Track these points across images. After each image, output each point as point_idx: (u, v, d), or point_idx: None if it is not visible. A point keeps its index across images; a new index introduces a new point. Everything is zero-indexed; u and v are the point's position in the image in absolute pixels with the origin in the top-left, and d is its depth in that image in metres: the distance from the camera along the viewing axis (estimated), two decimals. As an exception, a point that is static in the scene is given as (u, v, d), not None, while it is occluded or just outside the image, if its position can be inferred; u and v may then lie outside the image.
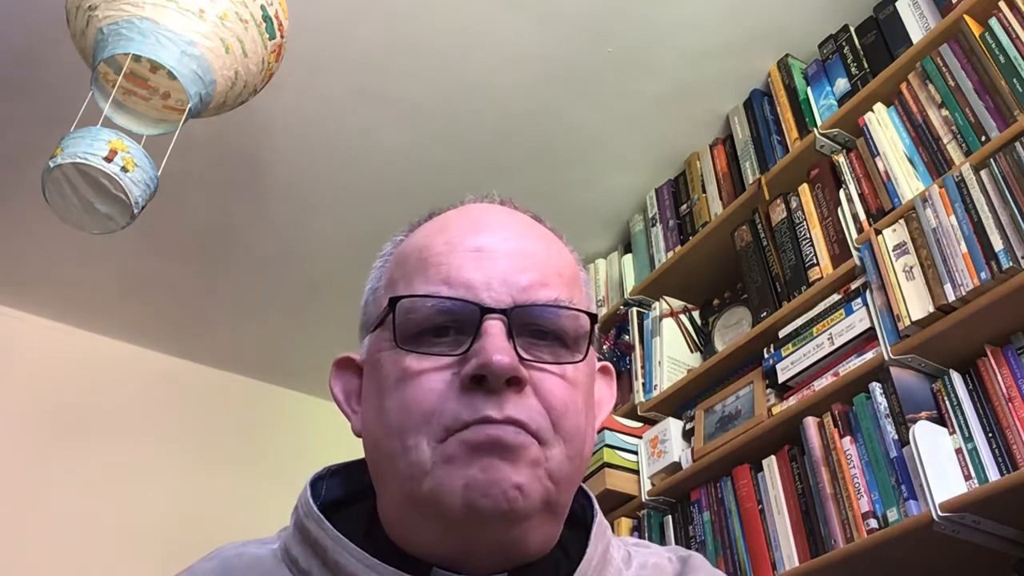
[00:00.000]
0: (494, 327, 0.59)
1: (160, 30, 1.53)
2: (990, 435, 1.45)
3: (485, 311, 0.60)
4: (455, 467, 0.57)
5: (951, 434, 1.49)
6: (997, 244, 1.46)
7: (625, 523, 2.07)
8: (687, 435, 2.04)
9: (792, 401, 1.79)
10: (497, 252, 0.63)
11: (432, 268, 0.63)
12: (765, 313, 1.96)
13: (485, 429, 0.57)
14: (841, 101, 1.98)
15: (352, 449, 0.66)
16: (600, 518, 0.69)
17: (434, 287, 0.61)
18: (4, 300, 2.79)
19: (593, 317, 0.64)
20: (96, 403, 2.81)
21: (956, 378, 1.54)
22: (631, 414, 2.21)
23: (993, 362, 1.48)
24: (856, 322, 1.70)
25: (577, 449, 0.61)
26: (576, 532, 0.67)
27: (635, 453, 2.12)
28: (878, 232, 1.70)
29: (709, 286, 2.28)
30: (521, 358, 0.59)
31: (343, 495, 0.68)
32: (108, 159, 1.49)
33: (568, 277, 0.66)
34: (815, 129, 1.97)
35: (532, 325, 0.61)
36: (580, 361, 0.62)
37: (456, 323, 0.60)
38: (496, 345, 0.58)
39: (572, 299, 0.64)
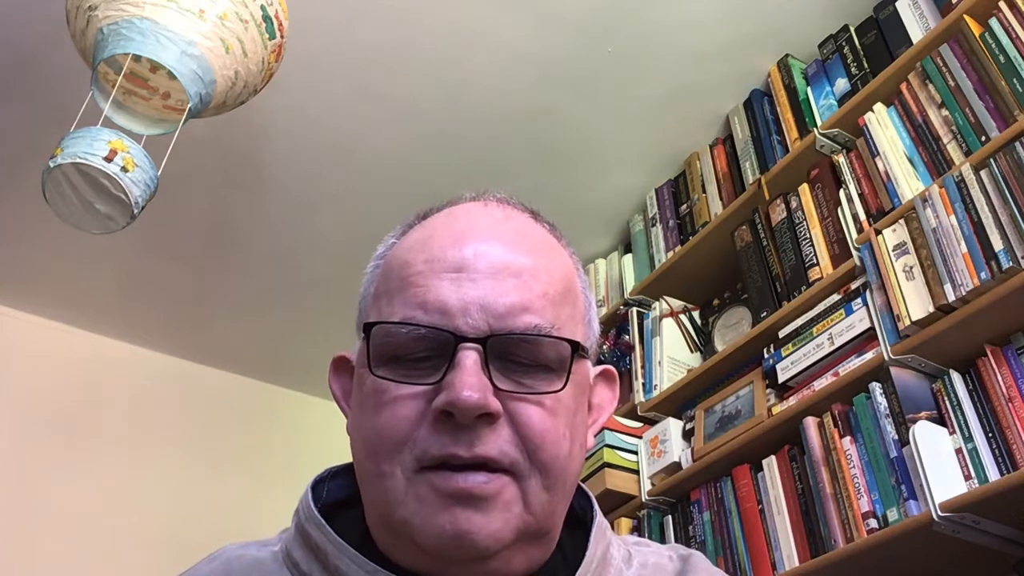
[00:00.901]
0: (468, 358, 0.57)
1: (160, 30, 1.53)
2: (990, 435, 1.45)
3: (460, 340, 0.58)
4: (427, 511, 0.57)
5: (951, 434, 1.49)
6: (997, 244, 1.46)
7: (625, 523, 2.07)
8: (687, 435, 2.04)
9: (792, 401, 1.79)
10: (478, 272, 0.60)
11: (411, 289, 0.61)
12: (765, 313, 1.96)
13: (455, 480, 0.56)
14: (841, 101, 1.98)
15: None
16: (600, 519, 0.68)
17: (411, 311, 0.60)
18: (4, 300, 2.79)
19: (575, 345, 0.61)
20: (96, 403, 2.81)
21: (956, 378, 1.54)
22: (631, 414, 2.21)
23: (993, 362, 1.48)
24: (856, 322, 1.70)
25: (556, 479, 0.60)
26: (576, 533, 0.67)
27: (635, 453, 2.12)
28: (878, 232, 1.70)
29: (709, 286, 2.28)
30: (497, 388, 0.58)
31: (345, 497, 0.68)
32: (108, 159, 1.49)
33: (555, 296, 0.62)
34: (815, 129, 1.97)
35: (510, 353, 0.59)
36: (560, 390, 0.60)
37: (432, 349, 0.59)
38: (466, 381, 0.56)
39: (556, 321, 0.61)
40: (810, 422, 1.71)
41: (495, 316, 0.59)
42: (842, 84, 2.01)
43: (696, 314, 2.30)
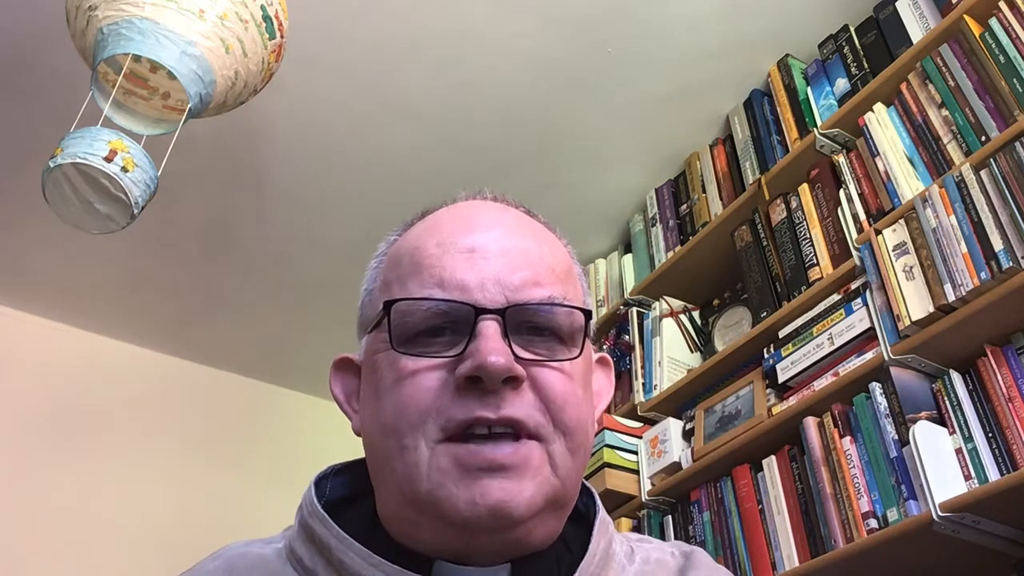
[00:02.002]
0: (489, 327, 0.59)
1: (160, 30, 1.53)
2: (990, 435, 1.45)
3: (480, 312, 0.60)
4: (452, 484, 0.57)
5: (951, 434, 1.49)
6: (997, 244, 1.46)
7: (625, 523, 2.07)
8: (687, 435, 2.04)
9: (792, 401, 1.79)
10: (489, 252, 0.63)
11: (426, 270, 0.63)
12: (765, 313, 1.96)
13: (481, 452, 0.57)
14: (841, 101, 1.98)
15: (352, 448, 0.67)
16: (602, 514, 0.69)
17: (428, 289, 0.61)
18: (4, 300, 2.79)
19: (587, 313, 0.64)
20: (96, 403, 2.81)
21: (956, 378, 1.54)
22: (631, 414, 2.21)
23: (993, 362, 1.48)
24: (856, 322, 1.70)
25: (579, 442, 0.62)
26: (579, 528, 0.67)
27: (635, 453, 2.12)
28: (878, 232, 1.70)
29: (709, 286, 2.28)
30: (517, 356, 0.59)
31: (348, 494, 0.68)
32: (108, 159, 1.49)
33: (562, 272, 0.66)
34: (815, 129, 1.97)
35: (527, 323, 0.61)
36: (577, 357, 0.63)
37: (451, 324, 0.60)
38: (491, 346, 0.58)
39: (566, 295, 0.64)
40: (810, 422, 1.71)
41: (511, 288, 0.61)
42: (842, 84, 2.01)
43: (696, 314, 2.30)
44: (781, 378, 1.82)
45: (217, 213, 2.55)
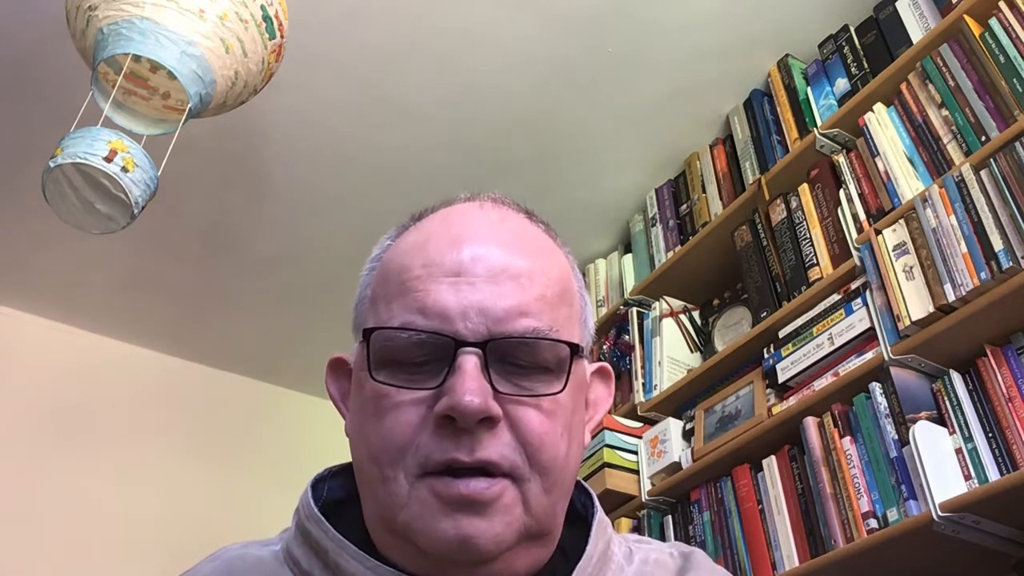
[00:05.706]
0: (468, 362, 0.58)
1: (160, 30, 1.53)
2: (990, 435, 1.45)
3: (460, 344, 0.58)
4: (428, 516, 0.57)
5: (951, 434, 1.49)
6: (997, 244, 1.46)
7: (625, 523, 2.07)
8: (687, 435, 2.04)
9: (792, 401, 1.79)
10: (476, 276, 0.60)
11: (410, 294, 0.61)
12: (765, 313, 1.96)
13: (456, 486, 0.57)
14: (841, 101, 1.98)
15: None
16: (600, 515, 0.68)
17: (410, 316, 0.60)
18: (4, 300, 2.79)
19: (574, 347, 0.61)
20: (95, 403, 2.81)
21: (956, 378, 1.54)
22: (631, 414, 2.21)
23: (993, 362, 1.48)
24: (856, 322, 1.70)
25: (555, 480, 0.60)
26: (576, 530, 0.67)
27: (635, 453, 2.12)
28: (878, 232, 1.70)
29: (709, 286, 2.28)
30: (497, 391, 0.58)
31: (345, 496, 0.68)
32: (108, 159, 1.49)
33: (552, 298, 0.63)
34: (815, 129, 1.97)
35: (510, 356, 0.60)
36: (559, 392, 0.60)
37: (432, 354, 0.59)
38: (467, 386, 0.57)
39: (555, 323, 0.61)
40: (810, 422, 1.71)
41: (494, 320, 0.59)
42: (842, 84, 2.01)
43: (696, 314, 2.30)
44: (781, 378, 1.82)
45: (217, 213, 2.55)
